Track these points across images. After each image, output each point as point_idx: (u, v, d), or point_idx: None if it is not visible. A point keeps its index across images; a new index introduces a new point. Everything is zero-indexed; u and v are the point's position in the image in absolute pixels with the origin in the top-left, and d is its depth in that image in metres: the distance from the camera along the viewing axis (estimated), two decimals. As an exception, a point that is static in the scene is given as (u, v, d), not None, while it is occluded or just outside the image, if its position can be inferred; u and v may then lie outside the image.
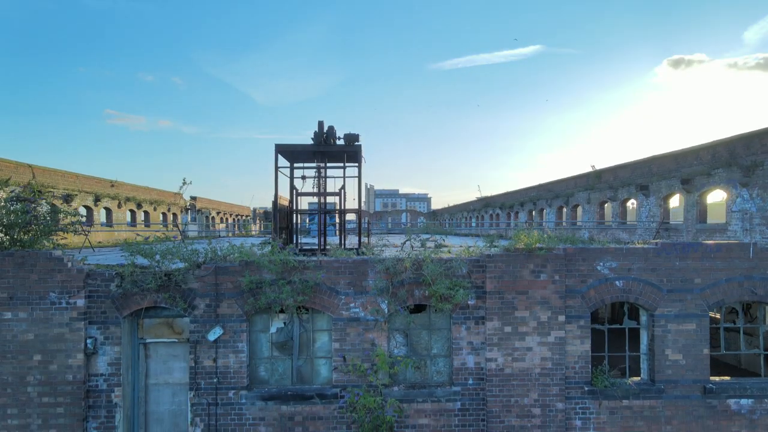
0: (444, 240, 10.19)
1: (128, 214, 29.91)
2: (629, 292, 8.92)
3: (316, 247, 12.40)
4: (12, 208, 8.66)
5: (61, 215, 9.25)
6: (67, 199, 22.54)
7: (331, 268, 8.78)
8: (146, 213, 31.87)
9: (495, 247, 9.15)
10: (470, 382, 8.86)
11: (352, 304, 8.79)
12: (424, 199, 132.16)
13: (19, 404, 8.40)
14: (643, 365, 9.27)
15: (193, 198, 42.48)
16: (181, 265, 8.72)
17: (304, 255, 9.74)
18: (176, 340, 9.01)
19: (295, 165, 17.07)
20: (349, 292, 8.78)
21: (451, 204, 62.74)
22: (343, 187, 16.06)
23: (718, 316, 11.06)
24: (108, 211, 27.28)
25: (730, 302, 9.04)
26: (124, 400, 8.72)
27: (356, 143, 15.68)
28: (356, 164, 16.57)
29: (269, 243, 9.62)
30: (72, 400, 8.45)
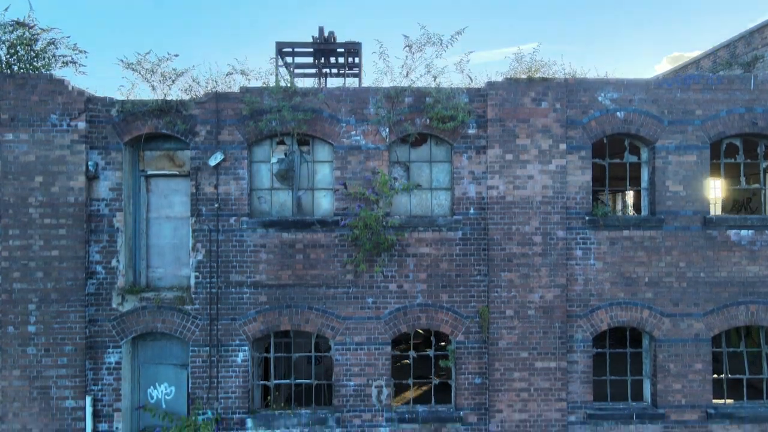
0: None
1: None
2: (630, 123, 8.92)
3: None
4: (13, 34, 8.65)
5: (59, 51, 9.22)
6: None
7: (331, 96, 8.77)
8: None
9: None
10: (471, 211, 8.87)
11: (353, 132, 8.78)
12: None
13: (20, 225, 8.41)
14: (644, 201, 9.29)
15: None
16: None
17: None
18: (177, 173, 9.01)
19: (296, 71, 17.03)
20: (350, 120, 8.78)
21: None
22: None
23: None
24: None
25: (730, 134, 9.04)
26: (125, 228, 8.73)
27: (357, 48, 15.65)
28: (356, 74, 16.59)
29: None
30: (74, 222, 8.46)
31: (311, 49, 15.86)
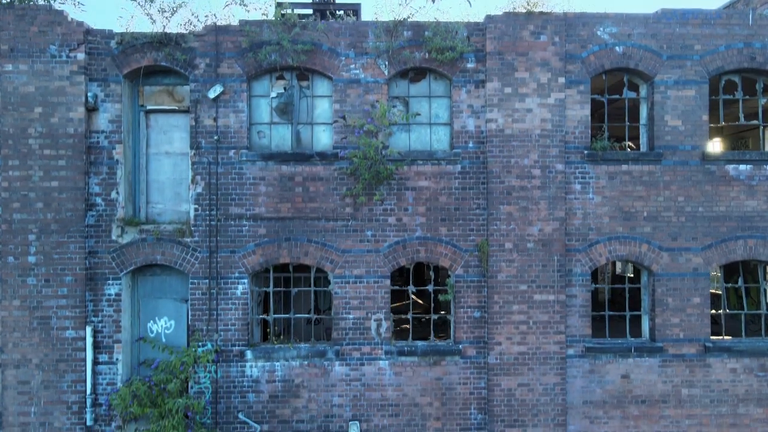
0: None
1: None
2: (629, 57, 8.92)
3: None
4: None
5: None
6: None
7: (331, 29, 8.78)
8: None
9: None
10: (470, 145, 8.88)
11: (352, 66, 8.79)
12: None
13: (20, 156, 8.42)
14: (643, 138, 9.30)
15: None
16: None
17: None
18: (177, 108, 9.02)
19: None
20: (349, 54, 8.78)
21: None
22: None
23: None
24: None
25: (729, 69, 9.05)
26: (125, 161, 8.73)
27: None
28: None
29: None
30: (74, 153, 8.47)
31: (311, 10, 15.90)
